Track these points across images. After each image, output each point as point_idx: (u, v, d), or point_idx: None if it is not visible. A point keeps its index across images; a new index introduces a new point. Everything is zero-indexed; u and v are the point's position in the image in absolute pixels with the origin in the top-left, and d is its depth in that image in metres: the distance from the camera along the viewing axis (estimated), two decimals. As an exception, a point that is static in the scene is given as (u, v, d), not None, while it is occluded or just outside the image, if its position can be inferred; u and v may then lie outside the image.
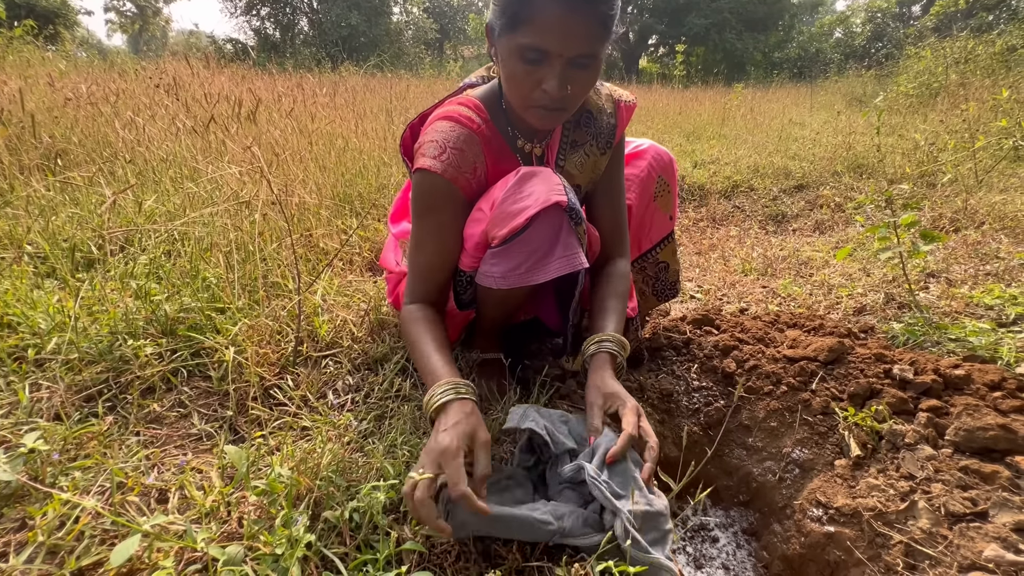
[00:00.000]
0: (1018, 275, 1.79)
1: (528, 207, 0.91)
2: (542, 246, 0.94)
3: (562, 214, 0.94)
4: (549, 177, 0.95)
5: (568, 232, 0.96)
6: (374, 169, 2.67)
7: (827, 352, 1.24)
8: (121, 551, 0.60)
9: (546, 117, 0.94)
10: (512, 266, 0.95)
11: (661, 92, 8.93)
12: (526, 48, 0.86)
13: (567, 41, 0.84)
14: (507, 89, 0.95)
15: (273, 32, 18.26)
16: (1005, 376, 1.10)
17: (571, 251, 0.95)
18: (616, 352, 1.00)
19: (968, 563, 0.81)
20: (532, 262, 0.94)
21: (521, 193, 0.93)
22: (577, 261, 0.95)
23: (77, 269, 1.53)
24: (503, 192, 0.94)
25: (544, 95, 0.90)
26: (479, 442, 0.81)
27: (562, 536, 0.77)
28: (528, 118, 0.96)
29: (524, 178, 0.94)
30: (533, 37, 0.84)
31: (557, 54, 0.85)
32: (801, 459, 1.11)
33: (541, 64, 0.87)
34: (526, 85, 0.90)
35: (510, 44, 0.87)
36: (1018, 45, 6.74)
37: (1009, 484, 0.90)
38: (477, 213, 1.00)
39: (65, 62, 5.36)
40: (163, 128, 2.49)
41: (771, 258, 2.39)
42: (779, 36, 19.89)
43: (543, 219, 0.92)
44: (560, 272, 0.94)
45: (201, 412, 1.08)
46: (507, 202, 0.93)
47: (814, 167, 3.96)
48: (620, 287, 1.13)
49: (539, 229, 0.93)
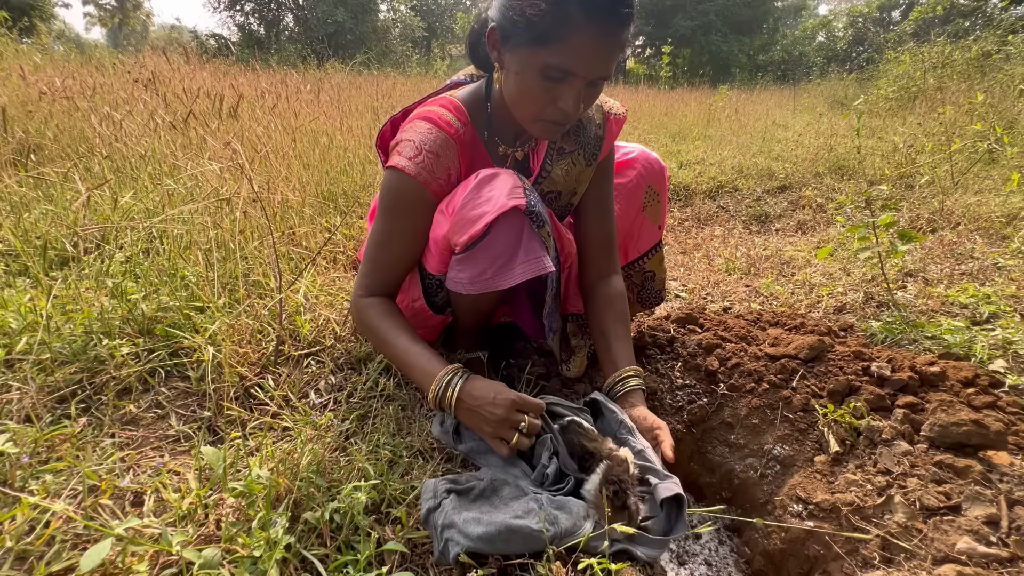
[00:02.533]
0: (992, 275, 1.84)
1: (486, 212, 0.90)
2: (504, 251, 0.92)
3: (522, 217, 0.93)
4: (508, 179, 0.93)
5: (530, 236, 0.94)
6: (359, 167, 2.65)
7: (808, 350, 1.25)
8: (91, 556, 0.58)
9: (553, 131, 0.94)
10: (477, 272, 0.94)
11: (647, 93, 9.00)
12: (552, 67, 0.84)
13: (594, 64, 0.85)
14: (515, 101, 0.93)
15: (258, 28, 18.02)
16: (978, 373, 1.13)
17: (534, 255, 0.93)
18: (641, 386, 1.09)
19: (942, 556, 0.82)
20: (496, 268, 0.93)
21: (479, 198, 0.92)
22: (542, 265, 0.93)
23: (51, 267, 1.49)
24: (463, 196, 0.93)
25: (558, 112, 0.90)
26: None
27: (560, 539, 0.76)
28: (532, 130, 0.95)
29: (483, 182, 0.93)
30: (562, 58, 0.83)
31: (582, 76, 0.85)
32: (782, 455, 1.13)
33: (561, 83, 0.86)
34: (541, 101, 0.89)
35: (532, 59, 0.85)
36: (993, 51, 6.92)
37: (981, 478, 0.92)
38: (439, 216, 0.99)
39: (40, 55, 5.22)
40: (142, 124, 2.44)
41: (754, 257, 2.42)
42: (763, 39, 20.18)
43: (502, 224, 0.91)
44: (525, 276, 0.93)
45: (179, 413, 1.06)
46: (466, 207, 0.92)
47: (797, 168, 4.02)
48: (620, 307, 1.15)
49: (499, 235, 0.92)
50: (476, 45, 1.05)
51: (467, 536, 0.71)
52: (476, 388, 0.92)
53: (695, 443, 1.25)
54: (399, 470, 0.93)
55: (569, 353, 1.26)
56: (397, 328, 1.01)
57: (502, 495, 0.84)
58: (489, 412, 0.89)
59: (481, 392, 0.91)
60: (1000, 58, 6.70)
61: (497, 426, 0.90)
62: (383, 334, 1.01)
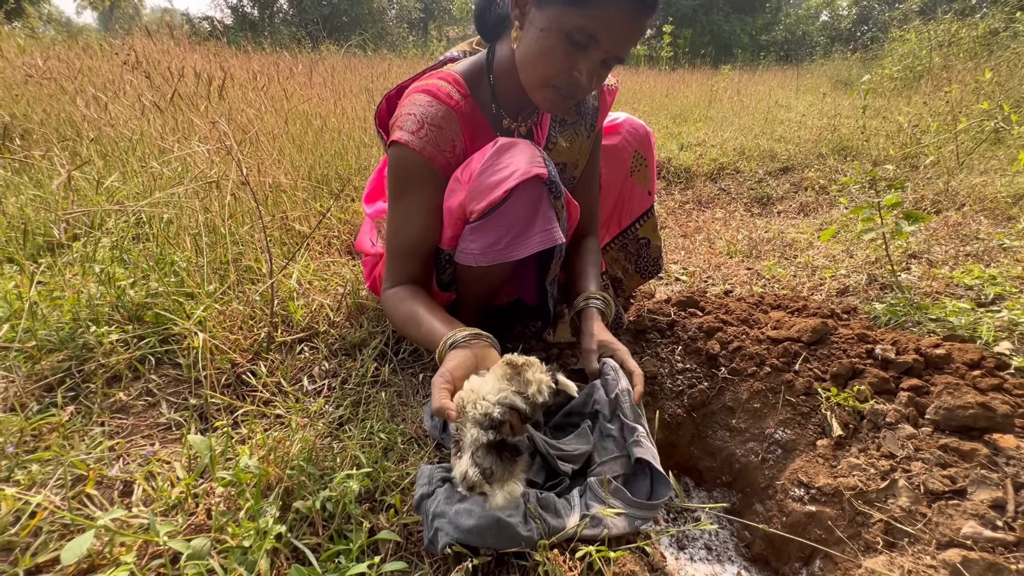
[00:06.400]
0: (997, 256, 1.80)
1: (507, 179, 0.87)
2: (520, 220, 0.91)
3: (542, 187, 0.91)
4: (527, 148, 0.91)
5: (548, 206, 0.93)
6: (354, 150, 2.60)
7: (810, 333, 1.23)
8: (73, 548, 0.57)
9: (558, 103, 0.93)
10: (491, 242, 0.92)
11: (648, 74, 8.85)
12: (579, 29, 0.83)
13: (619, 40, 0.86)
14: (530, 60, 0.90)
15: (251, 10, 17.66)
16: (984, 355, 1.11)
17: (550, 225, 0.92)
18: (603, 308, 1.10)
19: (946, 540, 0.81)
20: (511, 237, 0.91)
21: (499, 165, 0.89)
22: (555, 236, 0.92)
23: (38, 254, 1.46)
24: (481, 163, 0.90)
25: (570, 80, 0.88)
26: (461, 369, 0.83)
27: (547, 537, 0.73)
28: (537, 97, 0.93)
29: (502, 149, 0.91)
30: (594, 23, 0.83)
31: (604, 48, 0.86)
32: (783, 439, 1.11)
33: (584, 51, 0.86)
34: (558, 64, 0.87)
35: (563, 18, 0.83)
36: (1000, 28, 6.78)
37: (987, 461, 0.90)
38: (454, 184, 0.96)
39: (23, 38, 5.11)
40: (129, 106, 2.38)
41: (756, 240, 2.38)
42: (766, 18, 19.81)
43: (522, 192, 0.89)
44: (541, 247, 0.92)
45: (170, 401, 1.04)
46: (485, 174, 0.89)
47: (799, 149, 3.96)
48: (596, 258, 1.22)
49: (518, 202, 0.89)
50: (487, 9, 1.02)
51: (457, 527, 0.69)
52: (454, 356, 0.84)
53: (695, 427, 1.24)
54: (393, 457, 0.91)
55: (556, 320, 1.28)
56: (417, 307, 0.96)
57: None
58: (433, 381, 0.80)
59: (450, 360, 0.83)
60: (1008, 36, 6.56)
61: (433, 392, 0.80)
62: (403, 316, 0.97)
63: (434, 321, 0.92)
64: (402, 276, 1.03)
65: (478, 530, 0.69)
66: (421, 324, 0.93)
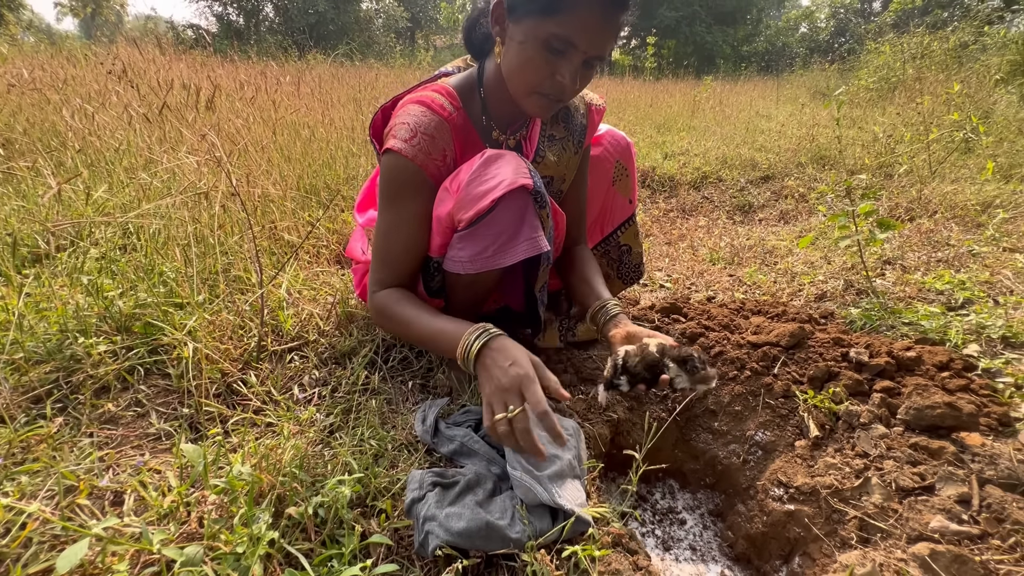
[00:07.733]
0: (967, 261, 1.88)
1: (493, 189, 0.91)
2: (507, 229, 0.94)
3: (527, 197, 0.94)
4: (514, 160, 0.95)
5: (533, 215, 0.96)
6: (342, 160, 2.61)
7: (789, 337, 1.27)
8: (68, 556, 0.57)
9: (546, 106, 0.97)
10: (479, 250, 0.95)
11: (633, 84, 8.99)
12: (556, 37, 0.87)
13: (595, 40, 0.89)
14: (514, 72, 0.95)
15: (237, 18, 17.59)
16: (952, 357, 1.16)
17: (536, 233, 0.96)
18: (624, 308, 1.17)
19: (916, 534, 0.85)
20: (498, 245, 0.94)
21: (486, 175, 0.92)
22: (541, 244, 0.96)
23: (24, 265, 1.45)
24: (468, 174, 0.93)
25: (554, 85, 0.93)
26: (538, 363, 0.86)
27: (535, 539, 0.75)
28: (526, 105, 0.98)
29: (489, 160, 0.94)
30: (568, 29, 0.86)
31: (582, 51, 0.89)
32: (764, 441, 1.15)
33: (562, 56, 0.90)
34: (540, 72, 0.92)
35: (537, 29, 0.88)
36: (970, 41, 7.03)
37: (954, 459, 0.95)
38: (443, 193, 0.99)
39: (7, 46, 5.05)
40: (115, 116, 2.37)
41: (738, 247, 2.44)
42: (747, 30, 20.26)
43: (509, 201, 0.92)
44: (527, 255, 0.95)
45: (159, 411, 1.04)
46: (472, 184, 0.92)
47: (779, 158, 4.06)
48: (595, 264, 1.26)
49: (505, 212, 0.92)
50: (472, 29, 1.07)
51: (447, 530, 0.71)
52: (501, 346, 0.88)
53: (679, 430, 1.27)
54: (384, 463, 0.93)
55: (545, 326, 1.33)
56: (417, 308, 1.01)
57: (485, 487, 0.84)
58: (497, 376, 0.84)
59: (501, 352, 0.87)
60: (977, 48, 6.82)
61: (493, 393, 0.85)
62: (403, 318, 1.00)
63: (442, 320, 0.97)
64: (389, 281, 1.05)
65: (468, 532, 0.71)
66: (431, 322, 0.98)
